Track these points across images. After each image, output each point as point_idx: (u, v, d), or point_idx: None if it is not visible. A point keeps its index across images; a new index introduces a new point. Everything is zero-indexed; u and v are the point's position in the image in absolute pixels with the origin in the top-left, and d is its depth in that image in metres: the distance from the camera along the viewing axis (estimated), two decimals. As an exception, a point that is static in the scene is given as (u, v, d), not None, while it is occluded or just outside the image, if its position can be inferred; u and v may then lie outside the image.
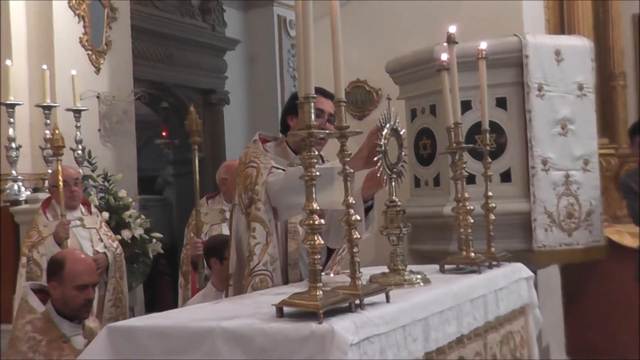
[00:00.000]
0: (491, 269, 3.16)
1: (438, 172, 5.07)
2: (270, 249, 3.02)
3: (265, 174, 3.08)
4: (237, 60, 10.81)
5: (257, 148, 3.23)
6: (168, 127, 10.52)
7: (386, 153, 2.60)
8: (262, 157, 3.16)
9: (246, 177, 3.11)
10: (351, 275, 2.18)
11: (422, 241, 5.11)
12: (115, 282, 5.21)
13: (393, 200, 2.66)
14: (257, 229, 3.01)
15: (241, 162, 3.23)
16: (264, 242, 3.00)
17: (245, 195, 3.10)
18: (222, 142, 10.46)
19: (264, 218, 3.02)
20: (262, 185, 3.04)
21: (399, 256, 2.66)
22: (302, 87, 2.05)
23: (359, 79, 6.28)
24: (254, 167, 3.12)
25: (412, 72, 5.21)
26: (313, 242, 2.03)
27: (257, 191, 3.04)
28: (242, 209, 3.12)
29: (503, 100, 4.88)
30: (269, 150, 3.26)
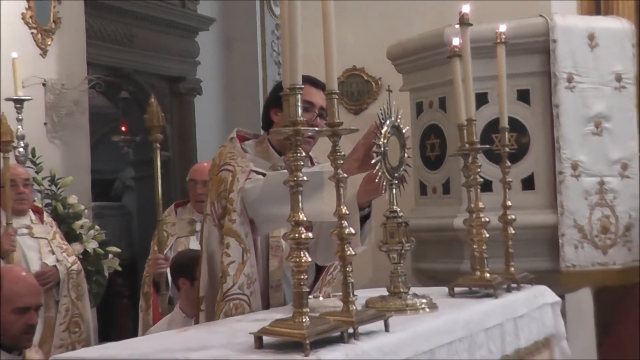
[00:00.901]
0: (510, 293, 3.18)
1: (448, 177, 5.09)
2: (247, 268, 3.02)
3: (242, 179, 3.09)
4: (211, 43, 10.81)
5: (233, 148, 3.24)
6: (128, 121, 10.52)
7: (386, 154, 2.61)
8: (240, 158, 3.17)
9: (220, 182, 3.12)
10: (344, 298, 2.19)
11: (429, 259, 5.13)
12: (70, 303, 5.20)
13: (394, 211, 2.68)
14: (232, 245, 3.01)
15: (214, 164, 3.24)
16: (240, 260, 3.01)
17: (219, 204, 3.11)
18: (192, 140, 10.46)
19: (239, 232, 3.02)
20: (238, 192, 3.05)
21: (401, 277, 2.67)
22: (287, 76, 2.06)
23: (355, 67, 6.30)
24: (229, 171, 3.12)
25: (418, 59, 5.24)
26: (299, 260, 2.04)
27: (232, 200, 3.05)
28: (214, 220, 3.13)
29: (525, 93, 4.91)
30: (248, 150, 3.27)
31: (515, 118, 4.78)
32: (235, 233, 3.02)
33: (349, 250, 2.20)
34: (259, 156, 3.27)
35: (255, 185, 3.04)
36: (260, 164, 3.21)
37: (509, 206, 3.41)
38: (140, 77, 10.03)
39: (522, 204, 4.46)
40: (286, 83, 2.07)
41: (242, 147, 3.26)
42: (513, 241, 3.41)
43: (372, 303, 2.62)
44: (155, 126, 4.81)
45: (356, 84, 6.34)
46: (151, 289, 4.96)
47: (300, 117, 2.03)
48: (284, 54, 2.10)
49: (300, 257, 2.04)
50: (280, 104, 3.18)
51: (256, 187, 3.04)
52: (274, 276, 3.20)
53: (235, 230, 3.02)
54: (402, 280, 2.67)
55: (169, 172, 9.83)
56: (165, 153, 9.69)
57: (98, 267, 6.12)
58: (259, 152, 3.29)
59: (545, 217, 4.78)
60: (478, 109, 4.46)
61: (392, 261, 2.68)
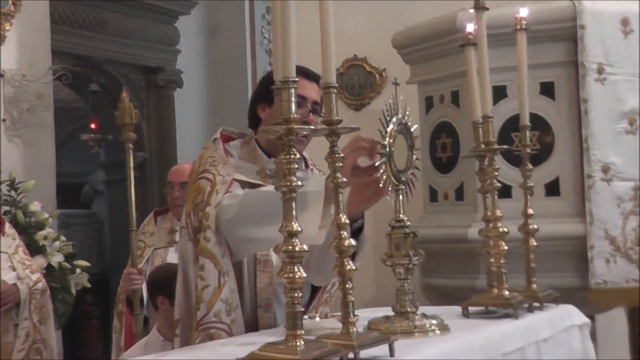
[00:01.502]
0: (532, 313, 3.18)
1: (461, 181, 5.11)
2: (225, 293, 3.03)
3: (221, 191, 3.10)
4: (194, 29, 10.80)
5: (215, 151, 3.25)
6: (99, 118, 10.51)
7: (392, 156, 2.62)
8: (221, 165, 3.18)
9: (197, 191, 3.14)
10: (343, 319, 2.20)
11: (439, 274, 5.14)
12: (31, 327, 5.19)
13: (400, 219, 2.68)
14: (207, 267, 3.03)
15: (194, 169, 3.25)
16: (215, 284, 3.02)
17: (195, 217, 3.12)
18: (171, 139, 10.44)
19: (214, 252, 3.04)
20: (215, 207, 3.07)
21: (408, 294, 2.68)
22: (279, 67, 2.07)
23: (356, 56, 6.32)
24: (207, 180, 3.14)
25: (428, 47, 5.25)
26: (292, 275, 2.05)
27: (208, 215, 3.07)
28: (189, 234, 3.15)
29: (550, 86, 4.92)
30: (233, 153, 3.28)
31: (538, 114, 4.80)
32: (211, 253, 3.04)
33: (349, 265, 2.21)
34: (245, 158, 3.28)
35: (232, 203, 3.05)
36: (246, 170, 3.22)
37: (531, 214, 3.42)
38: (112, 67, 10.01)
39: (545, 211, 4.47)
40: (278, 75, 2.07)
41: (225, 149, 3.27)
42: (535, 254, 3.41)
43: (376, 324, 2.62)
44: (128, 124, 4.81)
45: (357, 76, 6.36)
46: (124, 308, 4.96)
47: (294, 114, 2.04)
48: (276, 42, 2.10)
49: (293, 272, 2.04)
50: (268, 98, 3.23)
51: (232, 205, 3.04)
52: (262, 294, 3.21)
53: (211, 250, 3.04)
54: (410, 298, 2.67)
55: (145, 175, 9.83)
56: (141, 154, 9.68)
57: (64, 283, 6.11)
58: (245, 153, 3.30)
59: (572, 227, 4.79)
60: (495, 104, 4.48)
61: (398, 277, 2.69)
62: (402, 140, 2.69)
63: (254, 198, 3.00)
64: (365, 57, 6.32)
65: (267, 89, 3.26)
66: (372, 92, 6.36)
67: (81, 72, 9.20)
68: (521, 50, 3.37)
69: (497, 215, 3.18)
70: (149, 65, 10.33)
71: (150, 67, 10.34)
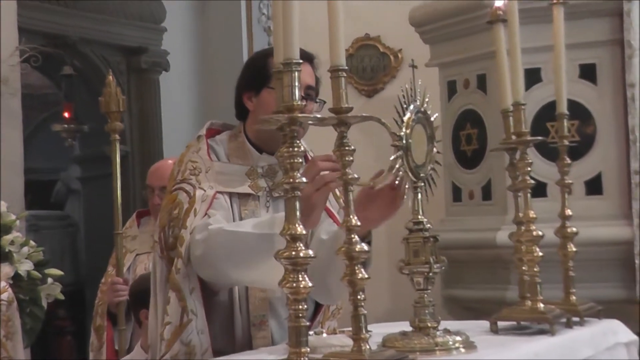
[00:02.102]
0: (571, 329, 3.19)
1: (489, 178, 5.11)
2: (188, 335, 3.06)
3: (201, 210, 3.12)
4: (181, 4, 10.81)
5: (198, 153, 3.27)
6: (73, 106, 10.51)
7: (409, 149, 2.62)
8: (204, 173, 3.20)
9: (173, 204, 3.17)
10: (354, 335, 2.21)
11: (464, 284, 5.15)
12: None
13: (419, 222, 2.69)
14: (171, 301, 3.07)
15: (172, 174, 3.28)
16: (177, 322, 3.06)
17: (170, 231, 3.15)
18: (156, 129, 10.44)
19: (181, 286, 3.07)
20: (191, 233, 3.09)
21: (428, 307, 2.68)
22: (280, 47, 2.08)
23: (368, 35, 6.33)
24: (186, 193, 3.17)
25: (450, 24, 5.26)
26: (296, 284, 2.06)
27: (181, 239, 3.10)
28: (161, 251, 3.19)
29: (591, 69, 4.93)
30: (218, 151, 3.30)
31: (577, 101, 4.80)
32: (177, 286, 3.07)
33: (361, 273, 2.22)
34: (234, 155, 3.30)
35: (201, 238, 3.05)
36: (233, 173, 3.24)
37: (569, 216, 3.42)
38: (88, 47, 10.01)
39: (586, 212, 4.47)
40: (279, 57, 2.09)
41: (209, 150, 3.28)
42: (575, 262, 3.42)
43: (391, 341, 2.63)
44: (114, 112, 4.83)
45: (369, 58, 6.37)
46: (105, 322, 4.97)
47: (298, 102, 2.05)
48: (276, 19, 2.12)
49: (297, 280, 2.06)
50: (255, 86, 3.26)
51: (200, 242, 3.05)
52: (256, 311, 3.22)
53: (178, 283, 3.07)
54: (430, 311, 2.68)
55: (127, 171, 9.81)
56: (122, 147, 9.67)
57: (33, 295, 6.11)
58: (233, 149, 3.32)
59: (617, 231, 4.80)
60: (528, 90, 4.49)
61: (416, 287, 2.69)
62: (420, 131, 2.69)
63: (220, 239, 3.01)
64: (379, 36, 6.33)
65: (252, 76, 3.30)
66: (386, 76, 6.37)
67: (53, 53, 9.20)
68: (558, 28, 3.37)
69: (530, 216, 3.18)
70: (130, 46, 10.32)
71: (131, 47, 10.33)
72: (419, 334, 2.65)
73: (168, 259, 3.13)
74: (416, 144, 2.65)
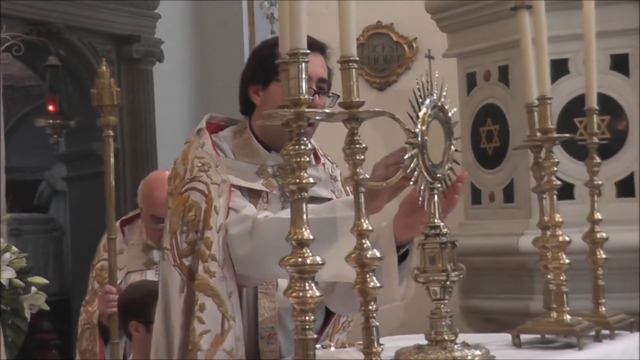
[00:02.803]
0: (600, 343, 3.19)
1: (511, 178, 5.12)
2: (230, 342, 3.08)
3: (222, 207, 3.12)
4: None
5: (203, 148, 3.27)
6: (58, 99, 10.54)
7: (425, 147, 2.63)
8: (213, 168, 3.20)
9: (186, 206, 3.17)
10: (365, 348, 2.22)
11: (484, 294, 5.16)
12: (-24, 358, 5.22)
13: (436, 226, 2.69)
14: (207, 308, 3.07)
15: (176, 173, 3.27)
16: (217, 330, 3.07)
17: (183, 237, 3.15)
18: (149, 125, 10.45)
19: (219, 291, 3.08)
20: (219, 231, 3.09)
21: (445, 319, 2.69)
22: (286, 36, 2.09)
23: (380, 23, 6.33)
24: (200, 192, 3.17)
25: (470, 11, 5.26)
26: (302, 294, 2.07)
27: (209, 242, 3.10)
28: (174, 258, 3.18)
29: (623, 59, 4.93)
30: (224, 148, 3.30)
31: (609, 95, 4.81)
32: (214, 292, 3.07)
33: (373, 281, 2.23)
34: (240, 153, 3.30)
35: (242, 232, 3.06)
36: (242, 171, 3.25)
37: (599, 220, 3.43)
38: (74, 35, 10.02)
39: (617, 216, 4.48)
40: (285, 47, 2.10)
41: (214, 144, 3.29)
42: (605, 269, 3.42)
43: (405, 355, 2.64)
44: (107, 105, 4.81)
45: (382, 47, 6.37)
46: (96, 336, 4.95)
47: (304, 95, 2.06)
48: (282, 5, 2.12)
49: (304, 290, 2.07)
50: (262, 78, 3.25)
51: (244, 236, 3.06)
52: (265, 323, 3.24)
53: (214, 287, 3.07)
54: (447, 323, 2.69)
55: (117, 170, 9.80)
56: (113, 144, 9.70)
57: (16, 305, 6.13)
58: (239, 146, 3.33)
59: (651, 236, 4.80)
60: (555, 82, 4.48)
61: (432, 297, 2.70)
62: (437, 127, 2.70)
63: (270, 230, 3.00)
64: (392, 24, 6.34)
65: (259, 67, 3.29)
66: (400, 67, 6.38)
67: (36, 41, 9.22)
68: (588, 15, 3.37)
69: (557, 220, 3.19)
70: (120, 34, 10.33)
71: (122, 35, 10.34)
72: (435, 347, 2.65)
73: (182, 266, 3.14)
74: (433, 142, 2.66)
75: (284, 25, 2.10)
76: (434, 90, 2.69)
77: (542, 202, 3.21)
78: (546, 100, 3.17)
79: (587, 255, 3.40)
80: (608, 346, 3.19)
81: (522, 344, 3.11)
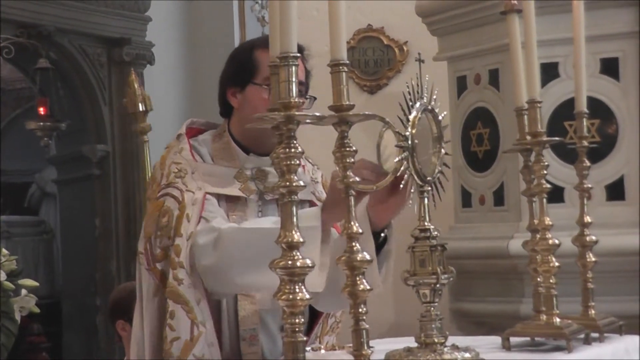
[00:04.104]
0: (590, 346, 3.20)
1: (502, 182, 5.12)
2: (200, 348, 3.09)
3: (194, 215, 3.14)
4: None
5: (181, 154, 3.29)
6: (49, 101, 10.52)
7: (415, 150, 2.64)
8: (190, 174, 3.22)
9: (161, 212, 3.19)
10: (355, 351, 2.22)
11: (474, 297, 5.16)
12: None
13: (426, 229, 2.70)
14: (177, 315, 3.09)
15: (154, 179, 3.30)
16: (187, 337, 3.08)
17: (157, 242, 3.17)
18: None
19: (187, 298, 3.09)
20: (188, 239, 3.11)
21: (435, 321, 2.70)
22: (276, 38, 2.09)
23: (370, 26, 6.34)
24: (174, 198, 3.18)
25: (460, 15, 5.27)
26: (292, 296, 2.06)
27: (178, 249, 3.11)
28: (148, 263, 3.20)
29: (613, 63, 4.93)
30: (202, 152, 3.32)
31: (598, 98, 4.82)
32: (183, 299, 3.09)
33: (363, 284, 2.23)
34: (219, 156, 3.31)
35: (208, 242, 3.08)
36: (220, 176, 3.26)
37: (589, 223, 3.43)
38: (65, 38, 10.01)
39: (607, 220, 4.49)
40: (275, 50, 2.10)
41: (192, 150, 3.30)
42: (594, 273, 3.43)
43: (395, 357, 2.65)
44: (141, 112, 4.83)
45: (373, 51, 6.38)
46: None
47: (295, 98, 2.06)
48: (273, 8, 2.13)
49: (294, 292, 2.06)
50: (239, 81, 3.27)
51: (209, 246, 3.07)
52: (246, 324, 3.24)
53: (183, 295, 3.09)
54: (437, 326, 2.70)
55: (107, 173, 9.83)
56: (101, 147, 9.70)
57: (6, 308, 6.13)
58: (217, 150, 3.34)
59: None
60: (545, 86, 4.50)
61: (422, 300, 2.71)
62: (427, 130, 2.71)
63: (233, 242, 3.03)
64: (382, 28, 6.34)
65: (236, 70, 3.31)
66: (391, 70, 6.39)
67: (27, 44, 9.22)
68: (578, 19, 3.38)
69: (546, 223, 3.19)
70: (111, 36, 10.31)
71: (113, 38, 10.32)
72: (425, 350, 2.66)
73: (156, 271, 3.15)
74: (423, 145, 2.66)
75: (275, 28, 2.11)
76: (424, 93, 2.69)
77: (532, 205, 3.22)
78: (536, 103, 3.18)
79: (576, 259, 3.41)
80: (597, 349, 3.20)
81: (512, 347, 3.11)
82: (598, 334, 3.28)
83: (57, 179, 11.14)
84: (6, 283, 6.12)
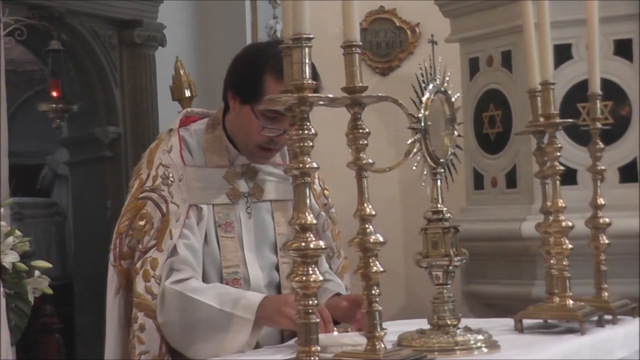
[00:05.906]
0: (603, 328, 3.19)
1: (514, 164, 5.11)
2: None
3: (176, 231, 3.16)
4: (179, -28, 10.80)
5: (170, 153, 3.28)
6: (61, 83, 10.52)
7: (428, 132, 2.64)
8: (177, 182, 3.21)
9: (139, 213, 3.21)
10: (367, 333, 2.22)
11: (486, 279, 5.15)
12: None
13: (439, 211, 2.70)
14: (147, 329, 3.11)
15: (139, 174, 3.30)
16: (156, 352, 3.11)
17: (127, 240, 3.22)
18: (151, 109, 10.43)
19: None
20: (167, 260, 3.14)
21: (447, 303, 2.70)
22: (289, 21, 2.09)
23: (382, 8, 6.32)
24: (157, 209, 3.20)
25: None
26: (306, 278, 2.07)
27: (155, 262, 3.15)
28: (115, 259, 3.24)
29: (626, 45, 4.91)
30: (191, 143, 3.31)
31: (612, 80, 4.80)
32: (155, 314, 3.12)
33: (376, 266, 2.23)
34: (210, 149, 3.31)
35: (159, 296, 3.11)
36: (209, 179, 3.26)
37: (602, 205, 3.42)
38: (76, 20, 10.01)
39: (620, 202, 4.48)
40: (288, 32, 2.09)
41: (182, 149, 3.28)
42: (607, 255, 3.42)
43: (407, 340, 2.65)
44: (186, 98, 4.82)
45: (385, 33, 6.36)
46: None
47: (308, 80, 2.06)
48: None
49: (307, 274, 2.07)
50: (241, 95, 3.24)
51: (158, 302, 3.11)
52: None
53: (155, 309, 3.12)
54: (450, 308, 2.70)
55: (119, 155, 9.84)
56: (113, 129, 9.70)
57: (19, 289, 6.14)
58: (209, 142, 3.32)
59: (653, 222, 4.79)
60: (558, 68, 4.49)
61: (435, 282, 2.71)
62: (440, 112, 2.71)
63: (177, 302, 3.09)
64: (394, 9, 6.32)
65: (242, 82, 3.27)
66: (403, 52, 6.36)
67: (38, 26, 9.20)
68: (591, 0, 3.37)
69: (559, 206, 3.19)
70: (122, 18, 10.30)
71: (124, 20, 10.32)
72: (437, 332, 2.67)
73: (121, 269, 3.20)
74: (435, 128, 2.66)
75: (287, 10, 2.11)
76: (436, 75, 2.69)
77: (545, 187, 3.21)
78: (549, 85, 3.17)
79: (589, 241, 3.40)
80: (610, 331, 3.19)
81: (525, 329, 3.11)
82: (611, 317, 3.28)
83: (69, 160, 11.15)
84: (19, 264, 6.13)
